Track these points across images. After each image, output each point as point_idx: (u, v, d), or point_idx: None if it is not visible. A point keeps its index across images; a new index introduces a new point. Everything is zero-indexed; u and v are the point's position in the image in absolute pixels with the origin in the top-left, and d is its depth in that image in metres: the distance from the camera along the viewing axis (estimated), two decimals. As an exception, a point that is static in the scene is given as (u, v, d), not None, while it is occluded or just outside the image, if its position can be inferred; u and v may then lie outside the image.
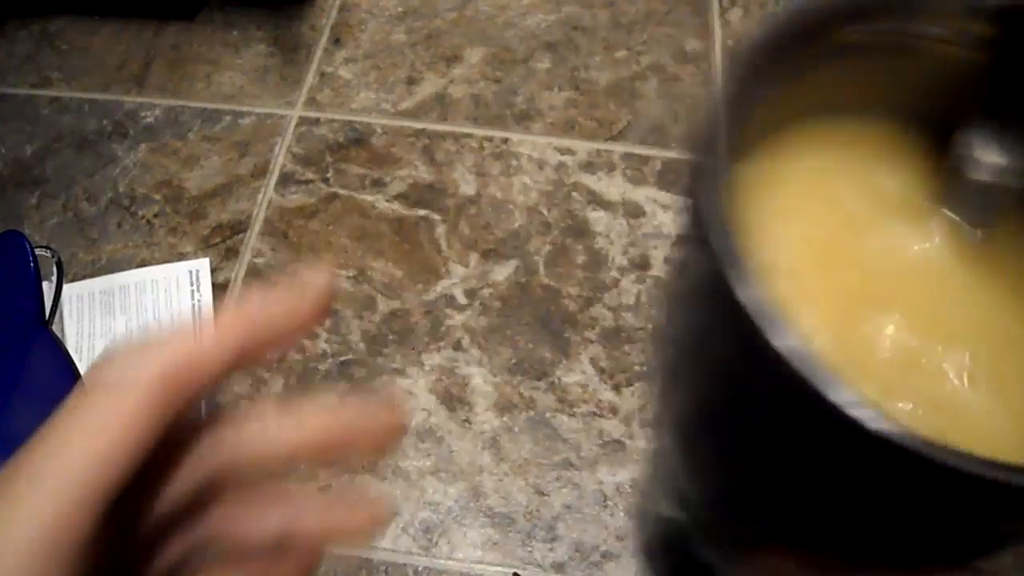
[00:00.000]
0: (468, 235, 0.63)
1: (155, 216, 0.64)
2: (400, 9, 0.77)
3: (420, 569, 0.50)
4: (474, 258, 0.62)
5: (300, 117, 0.70)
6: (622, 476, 0.53)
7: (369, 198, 0.65)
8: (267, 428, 0.21)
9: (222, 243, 0.63)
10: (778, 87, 0.17)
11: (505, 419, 0.55)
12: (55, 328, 0.32)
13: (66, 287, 0.60)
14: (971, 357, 0.15)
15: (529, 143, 0.68)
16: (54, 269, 0.33)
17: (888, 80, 0.18)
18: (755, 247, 0.14)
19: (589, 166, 0.67)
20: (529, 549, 0.50)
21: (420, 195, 0.65)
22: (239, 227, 0.63)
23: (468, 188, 0.65)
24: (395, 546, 0.50)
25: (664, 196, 0.65)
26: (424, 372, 0.57)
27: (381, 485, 0.52)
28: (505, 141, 0.68)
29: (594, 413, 0.55)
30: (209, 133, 0.69)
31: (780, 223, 0.17)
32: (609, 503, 0.52)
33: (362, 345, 0.58)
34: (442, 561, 0.50)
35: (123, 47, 0.75)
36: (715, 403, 0.16)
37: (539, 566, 0.50)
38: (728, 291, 0.13)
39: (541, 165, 0.67)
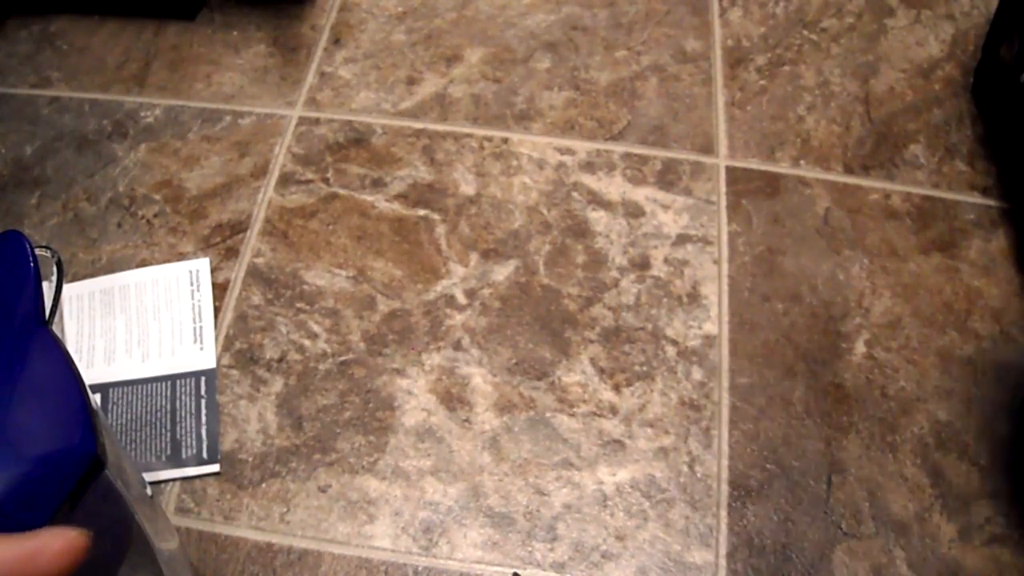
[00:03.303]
0: (468, 235, 0.63)
1: (155, 216, 0.64)
2: (400, 9, 0.77)
3: (420, 569, 0.50)
4: (474, 258, 0.62)
5: (300, 117, 0.70)
6: (622, 476, 0.53)
7: (369, 198, 0.65)
8: None
9: (222, 243, 0.63)
10: None
11: (505, 419, 0.55)
12: (55, 328, 0.32)
13: (66, 287, 0.60)
14: None
15: (529, 143, 0.68)
16: (54, 269, 0.33)
17: None
18: None
19: (589, 166, 0.66)
20: (529, 549, 0.50)
21: (420, 195, 0.65)
22: (239, 227, 0.63)
23: (468, 188, 0.65)
24: (395, 546, 0.50)
25: (664, 196, 0.65)
26: (424, 372, 0.57)
27: (381, 485, 0.52)
28: (505, 141, 0.68)
29: (594, 413, 0.55)
30: (209, 133, 0.69)
31: None
32: (609, 503, 0.52)
33: (362, 345, 0.58)
34: (442, 561, 0.50)
35: (123, 47, 0.75)
36: None
37: (539, 566, 0.50)
38: None
39: (541, 165, 0.67)
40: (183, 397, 0.55)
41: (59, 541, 0.23)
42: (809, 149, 0.68)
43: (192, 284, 0.60)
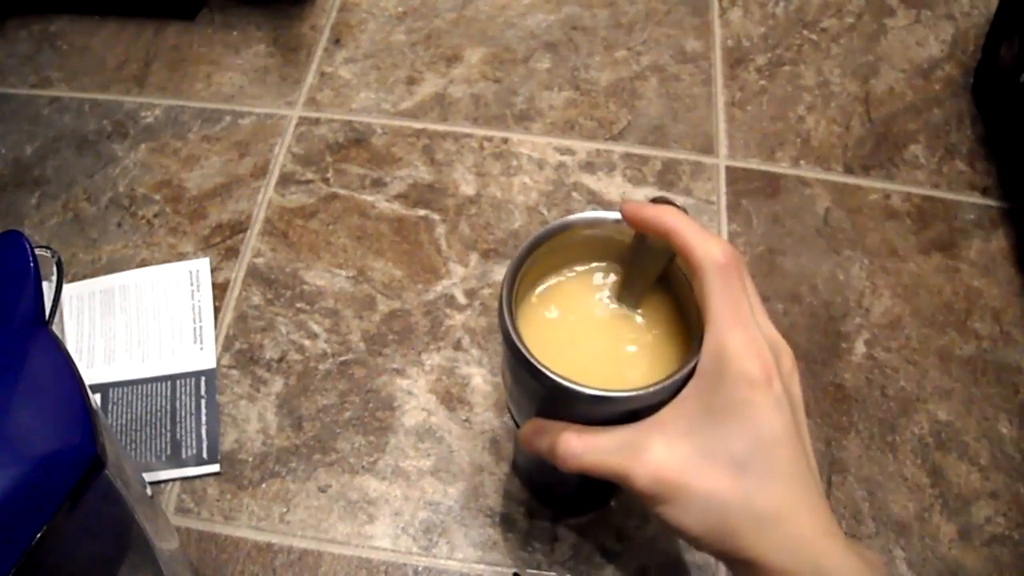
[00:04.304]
0: (468, 235, 0.63)
1: (155, 216, 0.64)
2: (400, 9, 0.77)
3: (420, 569, 0.50)
4: (474, 258, 0.62)
5: (300, 117, 0.70)
6: (622, 476, 0.53)
7: (369, 198, 0.65)
8: None
9: (222, 243, 0.63)
10: (541, 258, 0.38)
11: (505, 419, 0.55)
12: (55, 328, 0.32)
13: (66, 287, 0.60)
14: (621, 366, 0.38)
15: (529, 143, 0.68)
16: (54, 269, 0.33)
17: (598, 248, 0.39)
18: (525, 333, 0.36)
19: (589, 166, 0.67)
20: (529, 549, 0.50)
21: (420, 195, 0.65)
22: (239, 227, 0.63)
23: (468, 188, 0.65)
24: (395, 546, 0.50)
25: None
26: (424, 372, 0.57)
27: (381, 485, 0.52)
28: (505, 141, 0.68)
29: (594, 413, 0.55)
30: (209, 133, 0.69)
31: (538, 321, 0.39)
32: (609, 502, 0.52)
33: (362, 345, 0.58)
34: (442, 561, 0.50)
35: (123, 47, 0.75)
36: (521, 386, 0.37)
37: (539, 566, 0.50)
38: (516, 349, 0.35)
39: (541, 165, 0.67)
40: (183, 397, 0.55)
41: None
42: (809, 149, 0.68)
43: (192, 284, 0.60)
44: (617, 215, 0.38)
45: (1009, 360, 0.57)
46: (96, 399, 0.55)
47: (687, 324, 0.38)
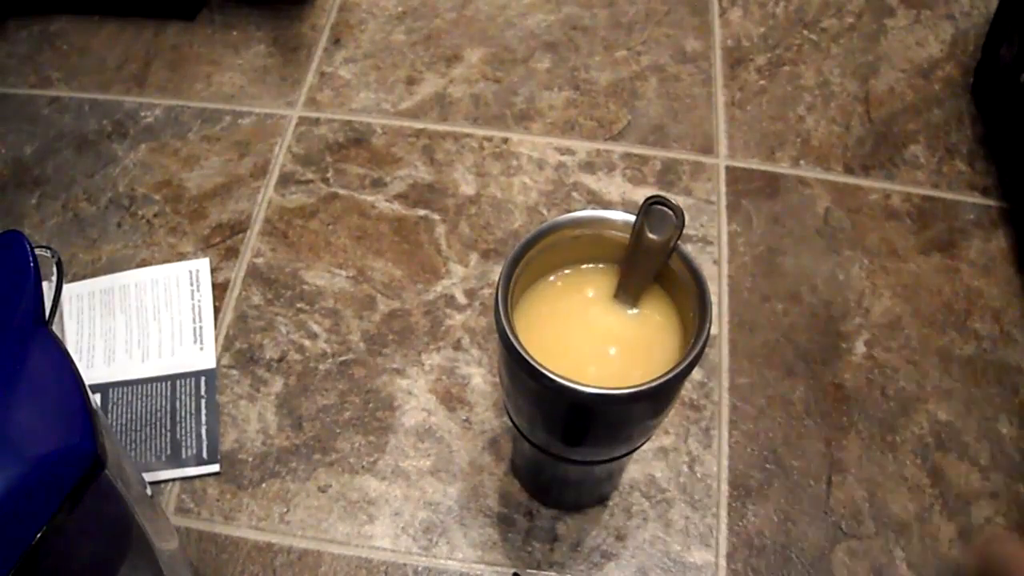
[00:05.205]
0: (468, 235, 0.63)
1: (155, 216, 0.64)
2: (400, 9, 0.77)
3: (420, 569, 0.50)
4: (474, 258, 0.62)
5: (300, 117, 0.70)
6: (622, 476, 0.53)
7: (369, 198, 0.65)
8: None
9: (222, 243, 0.63)
10: (537, 257, 0.38)
11: (505, 419, 0.55)
12: (55, 328, 0.32)
13: (66, 287, 0.60)
14: (618, 365, 0.38)
15: (529, 143, 0.68)
16: (54, 269, 0.33)
17: (593, 247, 0.39)
18: (522, 333, 0.36)
19: (589, 166, 0.67)
20: (529, 549, 0.50)
21: (420, 195, 0.65)
22: (239, 227, 0.63)
23: (468, 188, 0.65)
24: (395, 546, 0.50)
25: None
26: (424, 372, 0.57)
27: (381, 485, 0.52)
28: (505, 141, 0.68)
29: (594, 413, 0.55)
30: (209, 133, 0.69)
31: (535, 320, 0.39)
32: (609, 503, 0.52)
33: (362, 345, 0.58)
34: (442, 561, 0.50)
35: (123, 47, 0.75)
36: (517, 386, 0.38)
37: (539, 566, 0.50)
38: (513, 349, 0.35)
39: (541, 165, 0.67)
40: (183, 397, 0.55)
41: None
42: (809, 149, 0.68)
43: (192, 284, 0.60)
44: (611, 214, 0.38)
45: (1009, 360, 0.57)
46: (96, 399, 0.55)
47: (683, 321, 0.39)
